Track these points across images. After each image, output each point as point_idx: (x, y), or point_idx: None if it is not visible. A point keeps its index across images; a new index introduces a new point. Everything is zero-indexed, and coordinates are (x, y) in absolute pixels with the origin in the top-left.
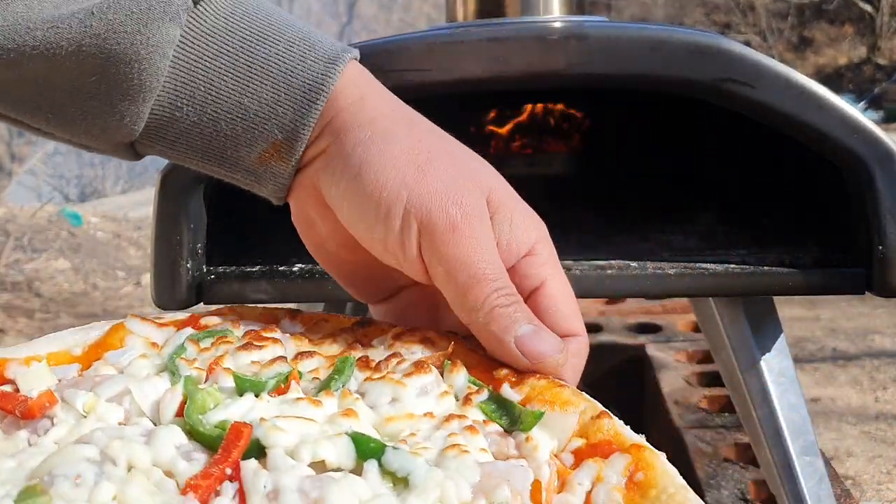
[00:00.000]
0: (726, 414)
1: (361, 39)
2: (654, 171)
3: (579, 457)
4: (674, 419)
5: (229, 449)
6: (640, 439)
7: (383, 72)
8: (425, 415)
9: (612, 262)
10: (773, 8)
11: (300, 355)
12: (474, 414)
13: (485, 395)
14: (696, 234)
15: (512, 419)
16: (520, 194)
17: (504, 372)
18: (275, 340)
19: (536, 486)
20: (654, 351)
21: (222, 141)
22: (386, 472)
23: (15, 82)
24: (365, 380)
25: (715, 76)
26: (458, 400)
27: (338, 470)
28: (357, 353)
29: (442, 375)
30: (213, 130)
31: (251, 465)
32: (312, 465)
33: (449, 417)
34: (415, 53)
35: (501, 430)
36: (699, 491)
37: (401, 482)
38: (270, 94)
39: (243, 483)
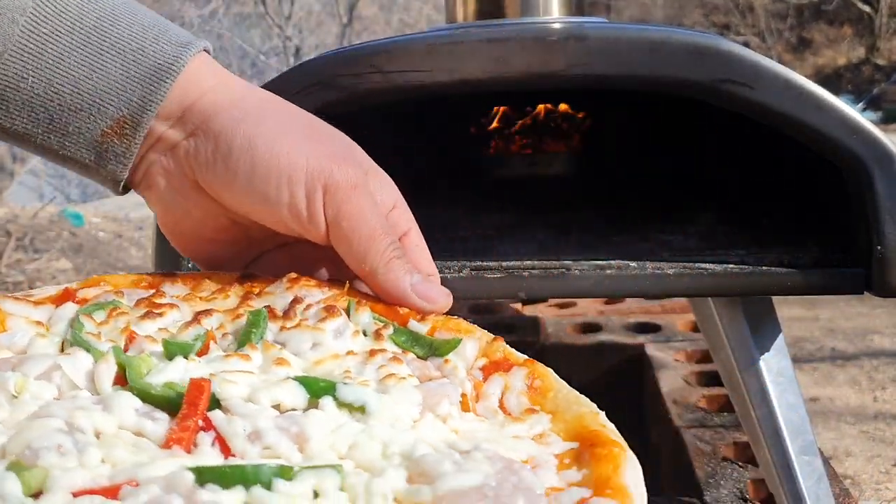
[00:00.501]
0: (725, 413)
1: (361, 40)
2: (654, 171)
3: (486, 372)
4: (673, 418)
5: (195, 403)
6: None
7: (383, 72)
8: (348, 353)
9: (612, 262)
10: (772, 9)
11: (199, 314)
12: (390, 347)
13: (391, 329)
14: (696, 235)
15: (425, 347)
16: (520, 194)
17: (405, 310)
18: (171, 305)
19: (463, 399)
20: (653, 350)
21: (66, 114)
22: (342, 404)
23: None
24: (280, 329)
25: (714, 77)
26: (366, 336)
27: (293, 411)
28: (260, 303)
29: (348, 316)
30: (57, 102)
31: (220, 414)
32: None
33: (372, 352)
34: (415, 54)
35: (416, 357)
36: (698, 490)
37: (357, 411)
38: (120, 72)
39: (220, 430)
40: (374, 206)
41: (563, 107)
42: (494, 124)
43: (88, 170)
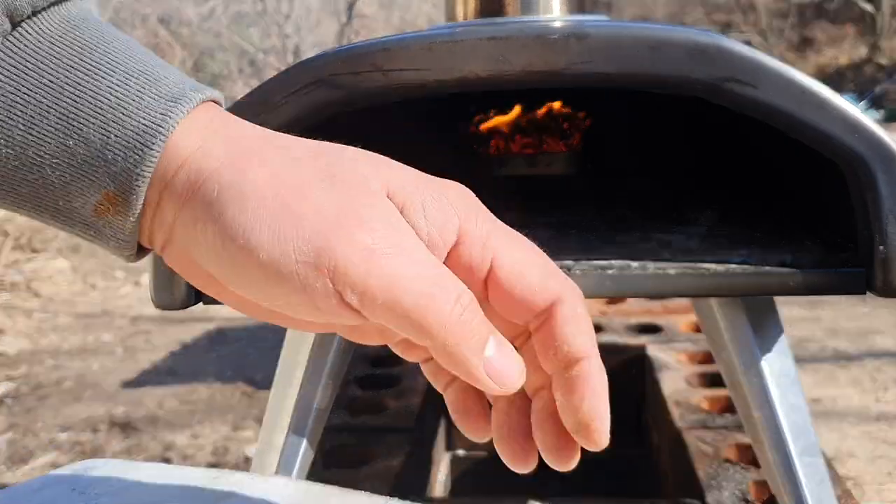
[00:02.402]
0: (727, 415)
1: (361, 38)
2: (654, 171)
3: None
4: (675, 420)
5: None
6: None
7: (383, 71)
8: None
9: (613, 262)
10: (773, 7)
11: None
12: None
13: None
14: (698, 235)
15: None
16: (520, 194)
17: None
18: None
19: None
20: (654, 351)
21: (51, 190)
22: None
23: None
24: None
25: (716, 76)
26: None
27: None
28: None
29: None
30: (38, 177)
31: None
32: None
33: None
34: (415, 52)
35: None
36: (700, 491)
37: None
38: (99, 136)
39: None
40: (414, 262)
41: (563, 106)
42: (495, 122)
43: (96, 243)
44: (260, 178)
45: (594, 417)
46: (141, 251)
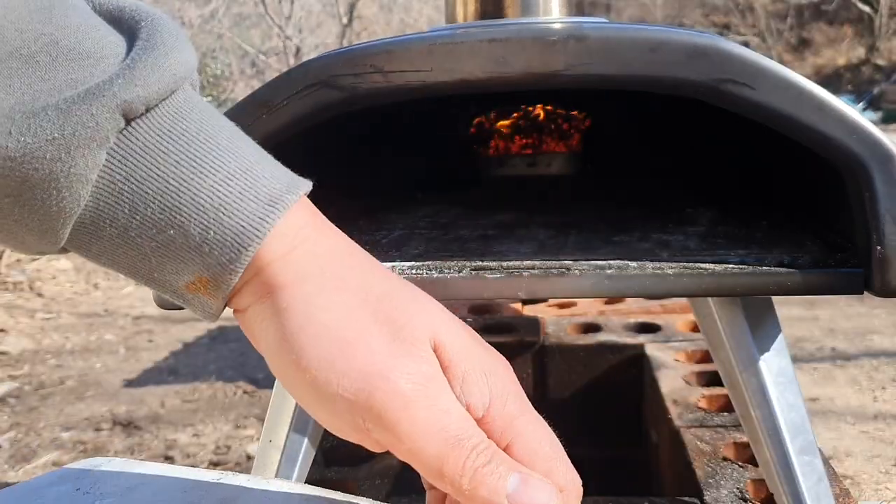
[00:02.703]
0: (725, 413)
1: (361, 39)
2: (654, 171)
3: None
4: (673, 418)
5: None
6: None
7: (383, 72)
8: None
9: (612, 262)
10: (771, 9)
11: None
12: None
13: None
14: (696, 235)
15: None
16: (520, 194)
17: None
18: None
19: None
20: (653, 350)
21: (148, 263)
22: None
23: None
24: None
25: (714, 77)
26: None
27: None
28: None
29: None
30: (137, 253)
31: None
32: None
33: None
34: (415, 54)
35: None
36: (698, 490)
37: None
38: (199, 231)
39: None
40: (445, 414)
41: (562, 106)
42: (494, 125)
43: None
44: (331, 305)
45: None
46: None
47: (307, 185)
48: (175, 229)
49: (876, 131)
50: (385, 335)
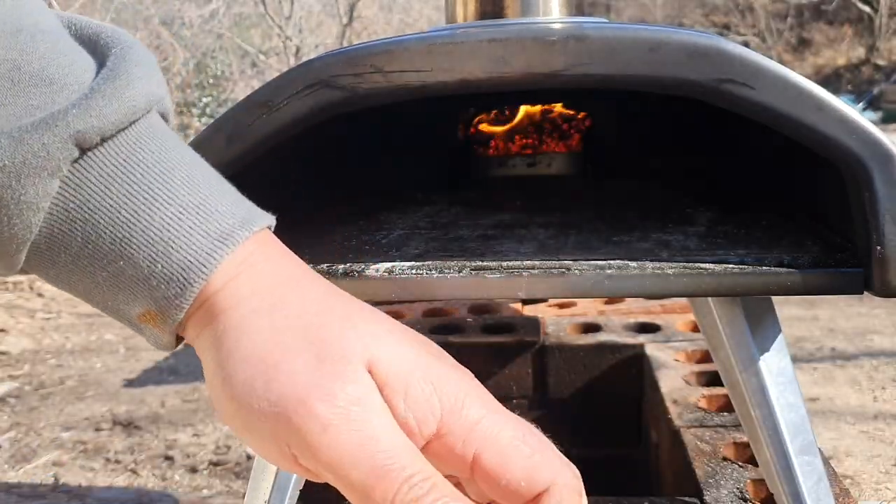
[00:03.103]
0: (725, 413)
1: (361, 40)
2: (654, 172)
3: None
4: (673, 418)
5: None
6: None
7: (383, 72)
8: None
9: (612, 262)
10: (771, 9)
11: None
12: None
13: None
14: (696, 234)
15: None
16: (520, 194)
17: None
18: None
19: None
20: (653, 350)
21: (101, 292)
22: None
23: None
24: None
25: (714, 77)
26: None
27: None
28: None
29: None
30: (91, 281)
31: None
32: None
33: None
34: (415, 54)
35: None
36: (698, 490)
37: None
38: (147, 264)
39: None
40: (370, 441)
41: (562, 106)
42: (494, 125)
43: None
44: (260, 328)
45: None
46: (179, 340)
47: (265, 219)
48: (125, 261)
49: (876, 131)
50: (310, 357)
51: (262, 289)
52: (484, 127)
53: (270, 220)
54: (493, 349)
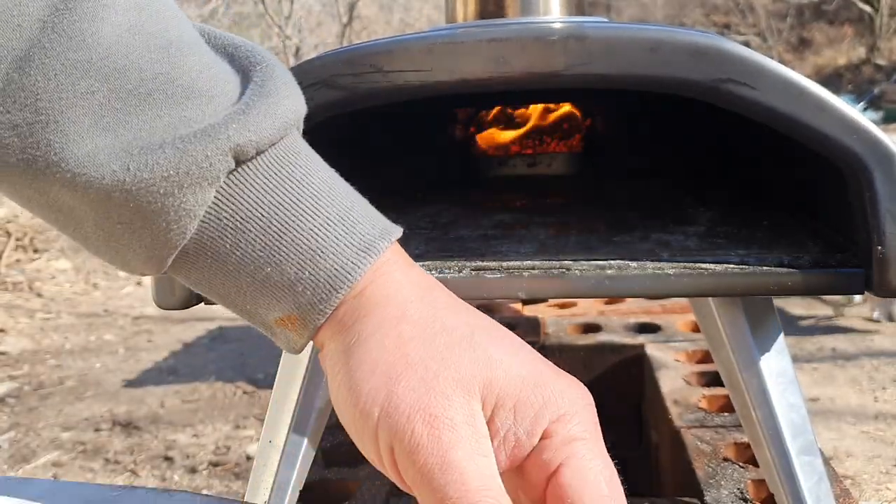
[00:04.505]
0: (725, 414)
1: (361, 39)
2: (655, 171)
3: None
4: (673, 419)
5: None
6: None
7: (383, 72)
8: None
9: (612, 262)
10: (772, 8)
11: None
12: None
13: None
14: (696, 235)
15: None
16: (520, 194)
17: None
18: None
19: None
20: (653, 351)
21: (243, 296)
22: None
23: (40, 203)
24: None
25: (714, 77)
26: None
27: None
28: None
29: None
30: (234, 285)
31: None
32: None
33: None
34: (415, 54)
35: None
36: (698, 490)
37: None
38: (294, 271)
39: None
40: (449, 467)
41: (562, 106)
42: (494, 125)
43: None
44: (387, 342)
45: None
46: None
47: (398, 231)
48: (272, 267)
49: (876, 131)
50: (428, 375)
51: (395, 298)
52: (494, 133)
53: (400, 231)
54: None
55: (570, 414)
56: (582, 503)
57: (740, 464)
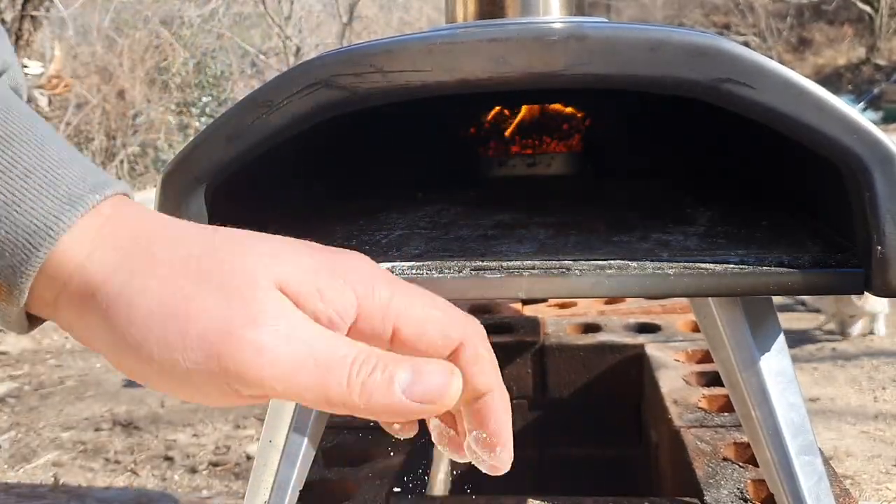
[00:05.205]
0: (725, 413)
1: (361, 39)
2: (655, 171)
3: None
4: (673, 419)
5: None
6: None
7: (383, 72)
8: None
9: (612, 262)
10: (772, 9)
11: None
12: None
13: None
14: (696, 234)
15: None
16: (520, 194)
17: None
18: None
19: None
20: (653, 350)
21: None
22: None
23: None
24: None
25: (714, 77)
26: None
27: None
28: None
29: None
30: None
31: None
32: None
33: None
34: (415, 54)
35: None
36: (698, 490)
37: None
38: None
39: None
40: (306, 344)
41: (562, 106)
42: (494, 125)
43: None
44: (148, 286)
45: (496, 443)
46: (36, 322)
47: (119, 186)
48: None
49: (876, 131)
50: (218, 293)
51: (130, 247)
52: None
53: (126, 187)
54: (493, 349)
55: (371, 283)
56: (432, 337)
57: (740, 464)
